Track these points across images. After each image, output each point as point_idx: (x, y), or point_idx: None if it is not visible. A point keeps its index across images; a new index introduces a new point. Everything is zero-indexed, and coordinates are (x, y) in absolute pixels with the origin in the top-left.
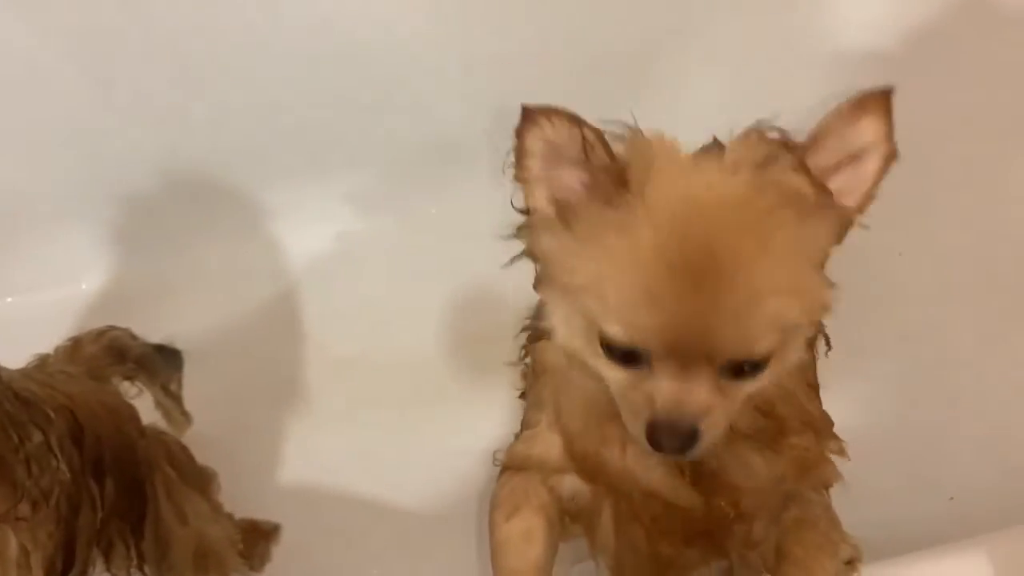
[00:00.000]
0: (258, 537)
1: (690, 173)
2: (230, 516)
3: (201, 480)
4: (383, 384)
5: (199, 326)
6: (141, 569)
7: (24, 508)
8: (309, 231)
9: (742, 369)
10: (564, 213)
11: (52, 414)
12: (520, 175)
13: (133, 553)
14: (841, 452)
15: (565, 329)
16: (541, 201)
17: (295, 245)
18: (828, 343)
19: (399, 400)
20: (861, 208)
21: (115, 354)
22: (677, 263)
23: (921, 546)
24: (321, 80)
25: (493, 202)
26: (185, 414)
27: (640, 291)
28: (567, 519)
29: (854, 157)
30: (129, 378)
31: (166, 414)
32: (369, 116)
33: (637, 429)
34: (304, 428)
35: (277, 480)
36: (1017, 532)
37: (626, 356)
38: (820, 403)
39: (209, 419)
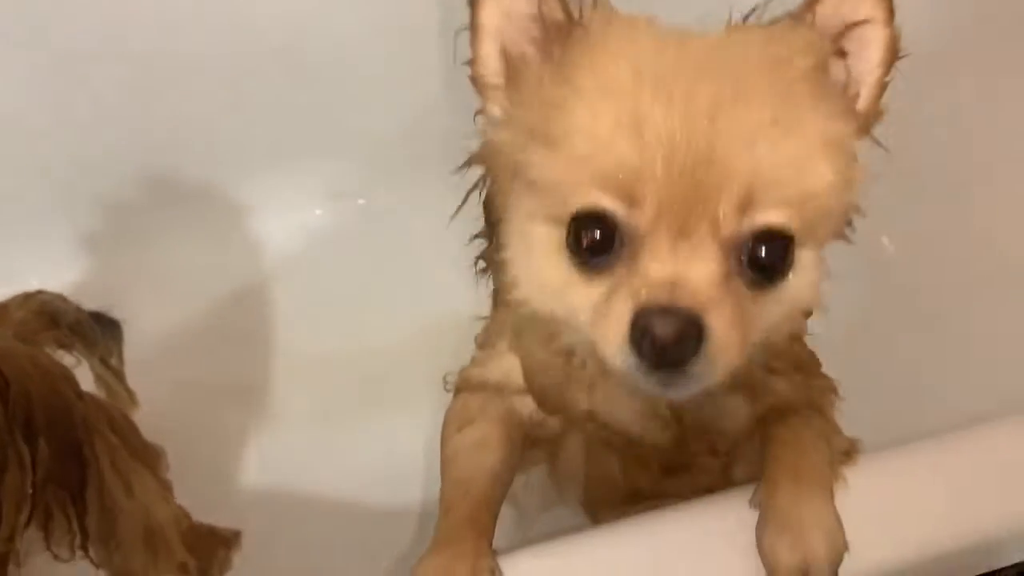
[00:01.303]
0: (217, 544)
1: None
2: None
3: (148, 455)
4: (349, 384)
5: (164, 324)
6: (85, 548)
7: None
8: (276, 227)
9: (757, 266)
10: (517, 78)
11: None
12: (474, 48)
13: (75, 527)
14: (833, 390)
15: (525, 259)
16: (494, 73)
17: (262, 241)
18: None
19: (365, 400)
20: (873, 106)
21: (46, 319)
22: (663, 88)
23: None
24: (286, 74)
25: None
26: (129, 391)
27: (620, 118)
28: (527, 442)
29: (852, 29)
30: (64, 346)
31: (108, 391)
32: (338, 110)
33: (617, 343)
34: (267, 430)
35: (238, 484)
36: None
37: (602, 245)
38: (804, 343)
39: (170, 419)
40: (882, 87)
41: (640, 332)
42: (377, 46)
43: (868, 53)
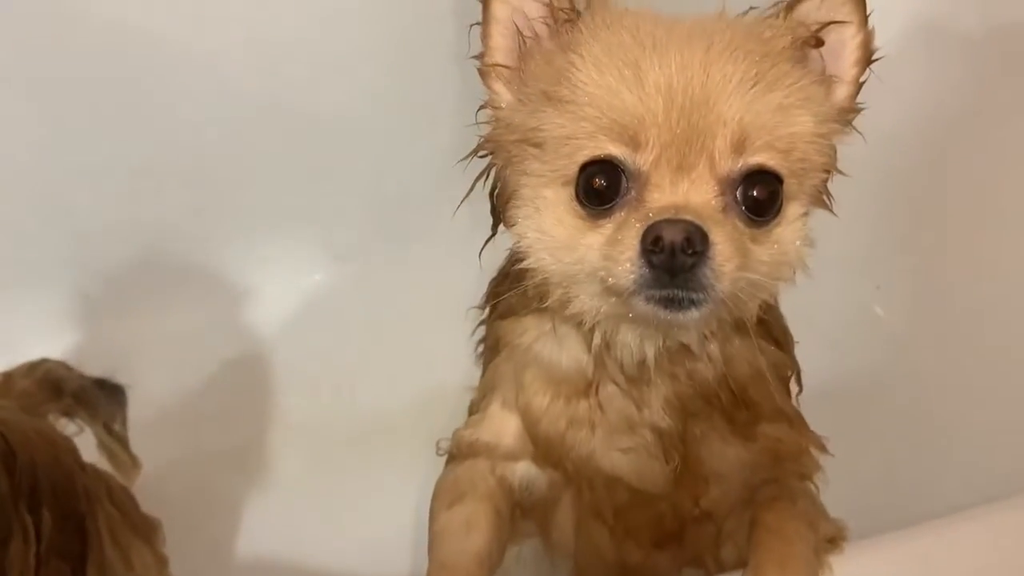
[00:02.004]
0: None
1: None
2: None
3: (145, 527)
4: (344, 449)
5: (161, 389)
6: None
7: None
8: (275, 291)
9: (752, 205)
10: (528, 57)
11: None
12: (485, 38)
13: None
14: (820, 447)
15: (536, 221)
16: (506, 57)
17: (260, 305)
18: (800, 383)
19: (359, 466)
20: (850, 102)
21: (50, 388)
22: (660, 47)
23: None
24: (286, 140)
25: (460, 260)
26: (132, 457)
27: (623, 72)
28: (518, 513)
29: (830, 27)
30: (67, 414)
31: (111, 457)
32: (336, 176)
33: (629, 259)
34: (263, 495)
35: (233, 550)
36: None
37: (608, 193)
38: (791, 401)
39: (166, 484)
40: (858, 85)
41: (651, 242)
42: (376, 113)
43: (845, 52)
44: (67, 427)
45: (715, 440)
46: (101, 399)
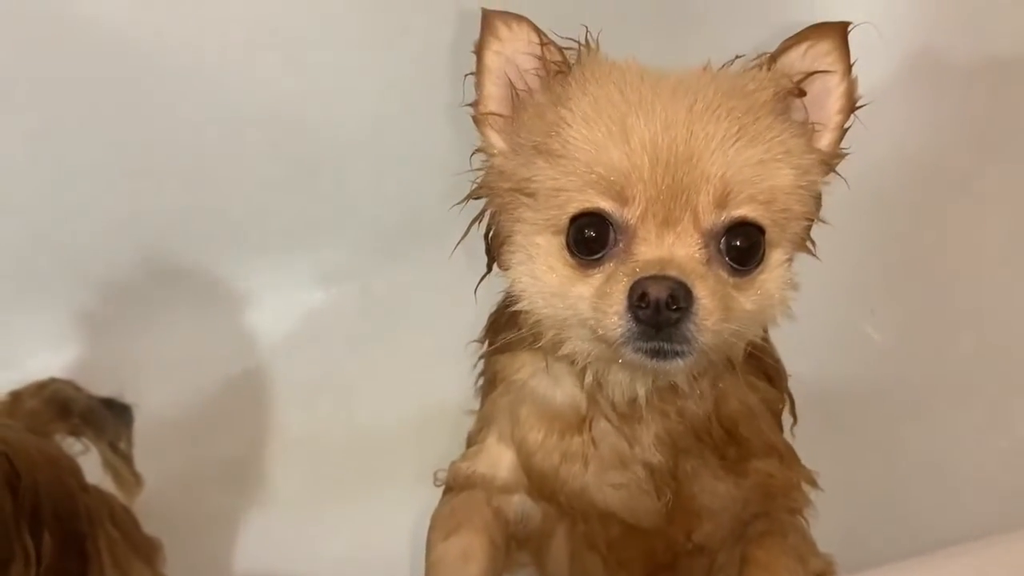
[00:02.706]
0: None
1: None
2: None
3: (147, 548)
4: (341, 468)
5: (159, 407)
6: None
7: None
8: (275, 309)
9: (735, 255)
10: (521, 109)
11: None
12: (479, 87)
13: None
14: (811, 481)
15: (529, 267)
16: (499, 106)
17: (260, 323)
18: (794, 415)
19: (356, 485)
20: (834, 148)
21: (58, 408)
22: (645, 104)
23: None
24: (285, 161)
25: (457, 278)
26: (136, 475)
27: (611, 129)
28: (514, 544)
29: (814, 76)
30: (74, 434)
31: (115, 475)
32: (336, 195)
33: (617, 312)
34: (260, 513)
35: (231, 567)
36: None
37: (597, 243)
38: (782, 435)
39: (164, 502)
40: (842, 131)
41: (637, 298)
42: (375, 134)
43: (829, 100)
44: (73, 447)
45: (706, 476)
46: (108, 419)
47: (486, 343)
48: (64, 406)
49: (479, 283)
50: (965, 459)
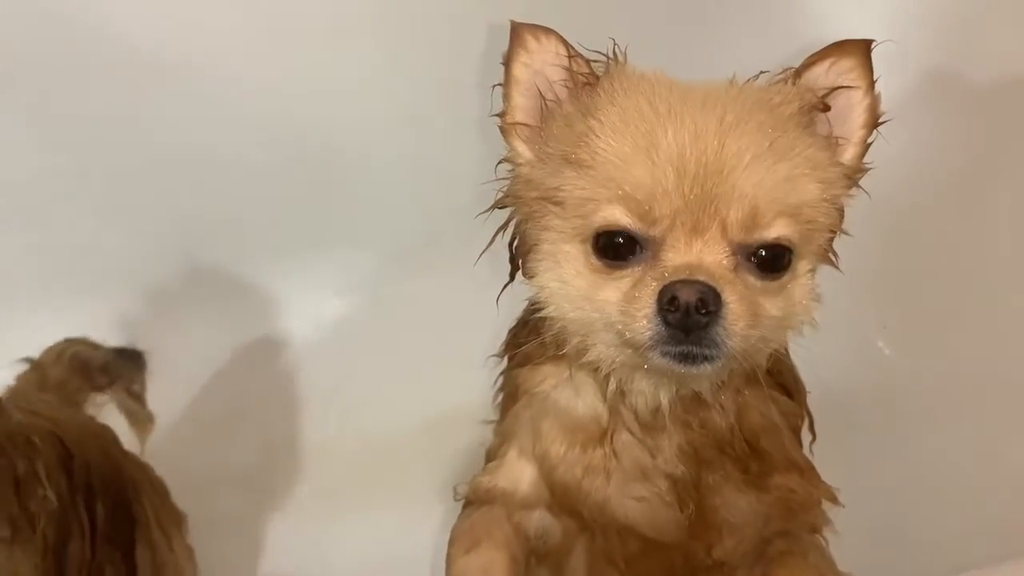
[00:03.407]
0: None
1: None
2: None
3: (177, 517)
4: (351, 473)
5: (173, 409)
6: None
7: (3, 528)
8: (295, 315)
9: (762, 262)
10: (549, 119)
11: (38, 441)
12: (507, 98)
13: None
14: (832, 498)
15: (555, 273)
16: (527, 116)
17: (279, 328)
18: (813, 432)
19: (365, 491)
20: (857, 162)
21: (80, 370)
22: (674, 117)
23: None
24: (309, 172)
25: (478, 288)
26: (148, 414)
27: (638, 142)
28: (533, 560)
29: (838, 91)
30: (98, 389)
31: (130, 415)
32: (358, 205)
33: (646, 316)
34: (268, 517)
35: (240, 571)
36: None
37: (625, 248)
38: (802, 451)
39: (180, 505)
40: (865, 145)
41: (667, 302)
42: (396, 144)
43: (853, 115)
44: (96, 399)
45: (728, 490)
46: (124, 367)
47: (506, 358)
48: (85, 366)
49: (501, 291)
50: (976, 473)
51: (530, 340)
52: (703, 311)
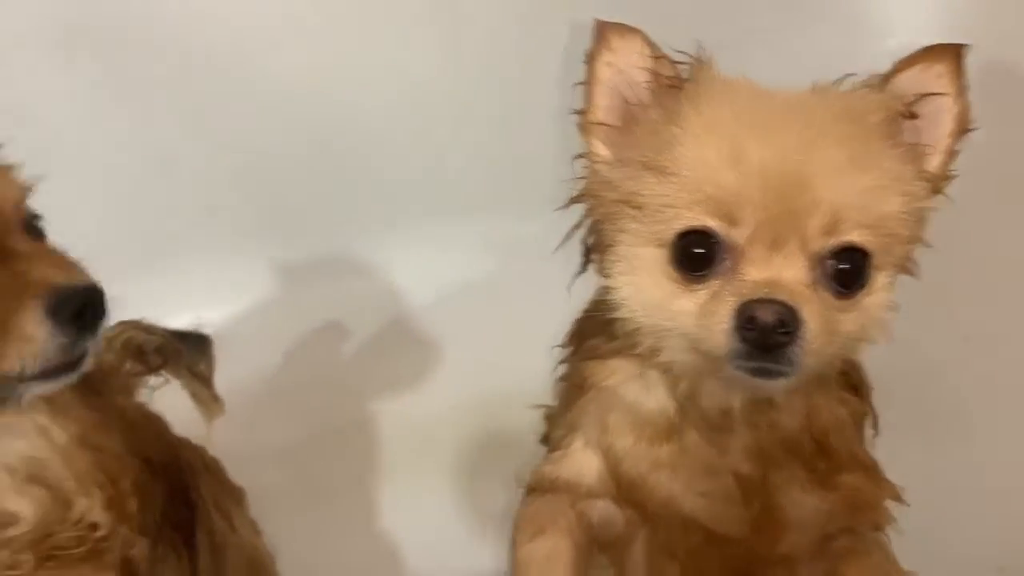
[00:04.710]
0: None
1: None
2: None
3: (237, 493)
4: (387, 455)
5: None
6: None
7: None
8: (355, 294)
9: (840, 277)
10: (631, 122)
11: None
12: (588, 97)
13: (187, 567)
14: (896, 496)
15: (631, 278)
16: (607, 117)
17: (336, 308)
18: (876, 426)
19: (416, 469)
20: (943, 170)
21: (133, 355)
22: (759, 128)
23: None
24: (403, 144)
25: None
26: (215, 397)
27: (723, 151)
28: (594, 548)
29: (926, 98)
30: (153, 371)
31: (195, 397)
32: (421, 187)
33: (723, 332)
34: (304, 498)
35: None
36: None
37: (704, 260)
38: (867, 450)
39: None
40: (952, 154)
41: (745, 320)
42: (482, 136)
43: (941, 122)
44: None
45: (795, 489)
46: (183, 350)
47: (570, 348)
48: (138, 350)
49: (573, 281)
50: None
51: (597, 333)
52: (781, 331)
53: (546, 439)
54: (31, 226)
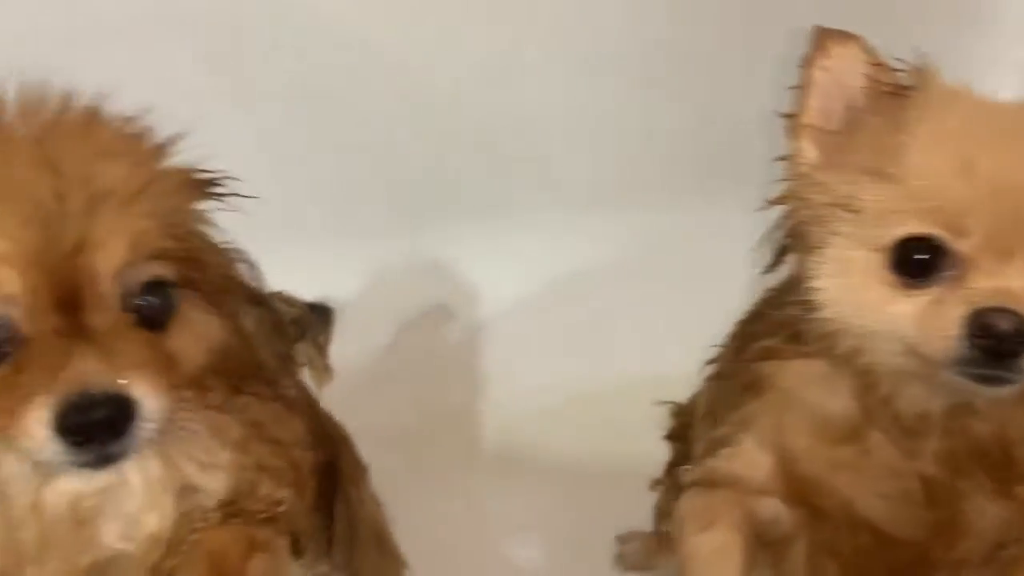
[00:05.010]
0: None
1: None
2: None
3: (362, 468)
4: (515, 441)
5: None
6: (329, 555)
7: None
8: (472, 282)
9: None
10: (849, 127)
11: None
12: (803, 100)
13: (324, 536)
14: None
15: (841, 280)
16: (823, 121)
17: (454, 293)
18: None
19: (529, 457)
20: None
21: (275, 325)
22: (989, 139)
23: None
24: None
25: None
26: (327, 366)
27: (951, 161)
28: (758, 545)
29: None
30: (292, 342)
31: (311, 364)
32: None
33: (949, 337)
34: (424, 482)
35: None
36: None
37: (926, 266)
38: None
39: None
40: None
41: (978, 328)
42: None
43: None
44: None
45: (980, 496)
46: (314, 321)
47: (734, 348)
48: (279, 321)
49: (758, 276)
50: None
51: (770, 334)
52: (1017, 340)
53: (674, 435)
54: (138, 305)
